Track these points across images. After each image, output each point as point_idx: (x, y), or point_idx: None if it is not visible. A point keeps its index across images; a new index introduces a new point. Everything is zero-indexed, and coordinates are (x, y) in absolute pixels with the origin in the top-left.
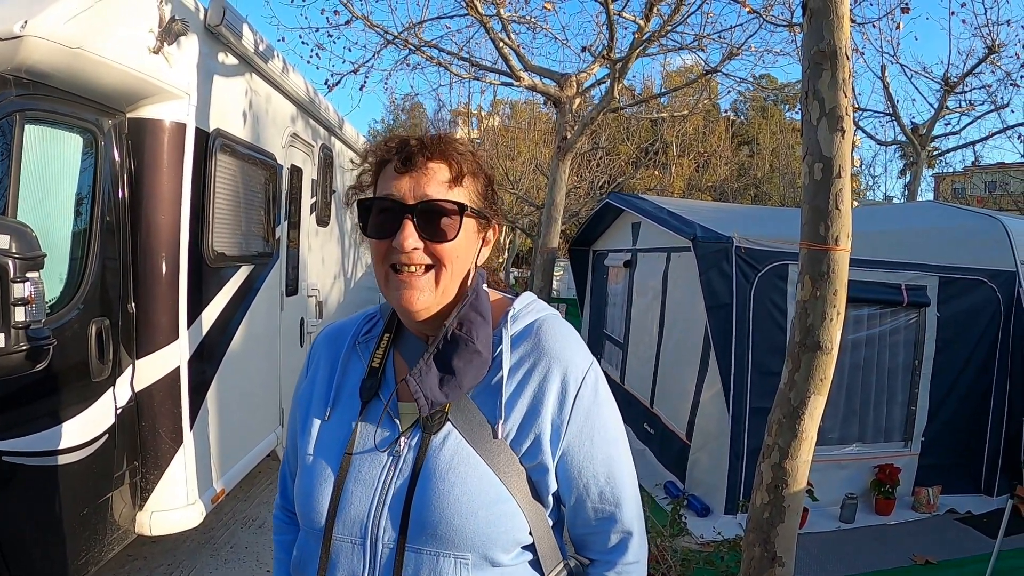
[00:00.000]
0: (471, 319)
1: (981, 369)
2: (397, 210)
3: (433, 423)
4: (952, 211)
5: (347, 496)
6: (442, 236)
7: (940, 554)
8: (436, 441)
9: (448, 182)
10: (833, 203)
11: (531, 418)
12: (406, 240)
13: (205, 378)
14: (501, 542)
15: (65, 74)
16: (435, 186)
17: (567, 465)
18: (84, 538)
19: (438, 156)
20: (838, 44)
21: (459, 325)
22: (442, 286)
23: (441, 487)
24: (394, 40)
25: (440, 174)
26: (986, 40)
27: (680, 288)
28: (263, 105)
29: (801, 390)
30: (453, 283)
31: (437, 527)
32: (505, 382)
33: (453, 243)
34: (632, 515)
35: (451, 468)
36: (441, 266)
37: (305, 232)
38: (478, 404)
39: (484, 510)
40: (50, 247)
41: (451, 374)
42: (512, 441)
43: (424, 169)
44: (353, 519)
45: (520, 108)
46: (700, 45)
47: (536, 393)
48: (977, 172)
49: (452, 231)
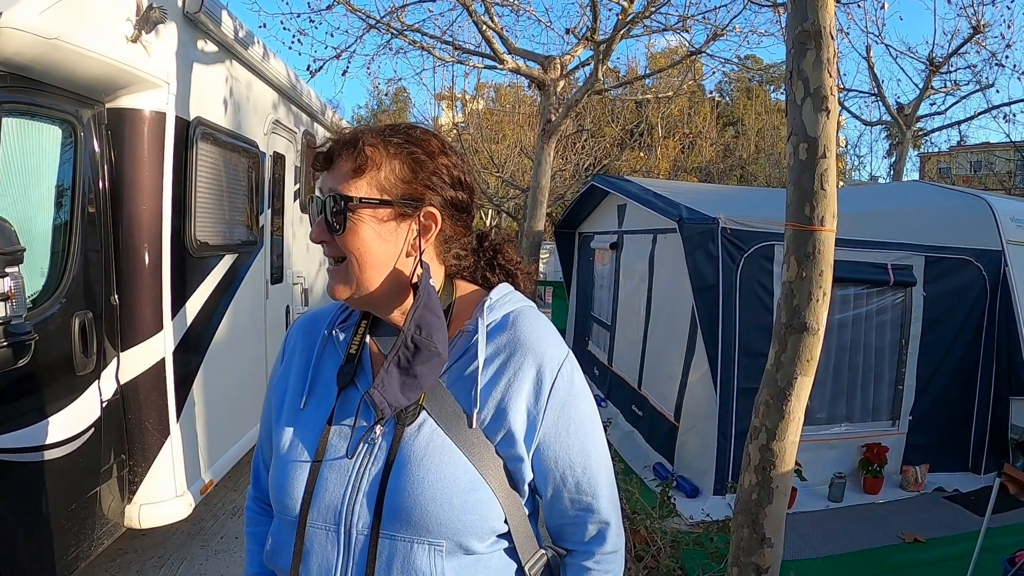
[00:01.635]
0: (427, 320)
1: (968, 348)
2: (316, 205)
3: (407, 414)
4: (938, 191)
5: (322, 483)
6: (336, 229)
7: (928, 532)
8: (411, 429)
9: (348, 174)
10: (818, 183)
11: (506, 407)
12: (313, 233)
13: (191, 369)
14: (475, 529)
15: (42, 65)
16: (338, 180)
17: (543, 456)
18: (73, 533)
19: (347, 149)
20: (822, 23)
21: (418, 329)
22: (355, 277)
23: (415, 473)
24: (376, 24)
25: (342, 168)
26: (971, 20)
27: (666, 270)
28: (244, 92)
29: (788, 371)
30: (368, 274)
31: (411, 513)
32: (480, 371)
33: (348, 236)
34: (609, 505)
35: (426, 455)
36: (349, 258)
37: (289, 220)
38: (453, 393)
39: (458, 497)
40: (31, 241)
41: (413, 377)
42: (487, 429)
43: (337, 164)
44: (327, 506)
45: (504, 91)
46: (684, 26)
47: (511, 383)
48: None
49: (339, 224)
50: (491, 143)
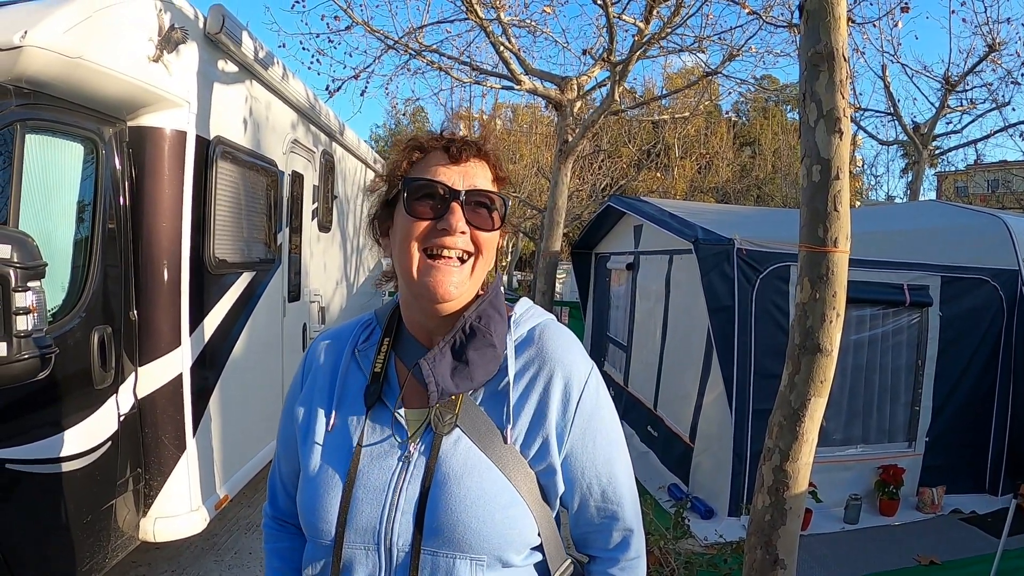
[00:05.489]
0: (489, 314)
1: (984, 368)
2: (446, 194)
3: (444, 424)
4: (954, 210)
5: (356, 504)
6: (487, 225)
7: (944, 554)
8: (448, 445)
9: (492, 180)
10: (832, 205)
11: (538, 422)
12: (458, 222)
13: (208, 384)
14: (514, 544)
15: (65, 84)
16: (482, 180)
17: (571, 467)
18: (87, 545)
19: (484, 155)
20: (835, 45)
21: (478, 318)
22: (475, 276)
23: (457, 491)
24: (395, 45)
25: (486, 171)
26: (986, 38)
27: (682, 290)
28: (263, 112)
29: (801, 392)
30: (481, 274)
31: (455, 530)
32: (512, 387)
33: (494, 234)
34: (632, 512)
35: (465, 473)
36: (479, 254)
37: (307, 238)
38: (485, 409)
39: (499, 513)
40: (52, 256)
41: (464, 364)
42: (521, 445)
43: (471, 163)
44: (365, 527)
45: (521, 111)
46: (700, 47)
47: (542, 398)
48: (979, 170)
49: (496, 221)
50: (508, 163)
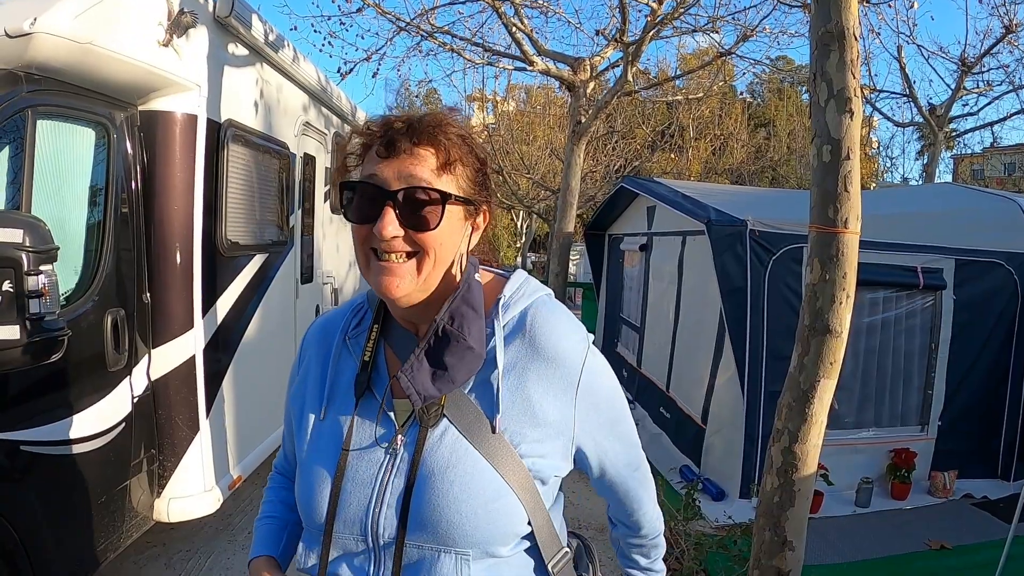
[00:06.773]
0: (462, 313)
1: (998, 352)
2: (378, 196)
3: (429, 416)
4: (968, 193)
5: (345, 495)
6: (424, 225)
7: (955, 539)
8: (433, 437)
9: (435, 169)
10: (842, 185)
11: (530, 410)
12: (386, 228)
13: (221, 366)
14: (501, 536)
15: (76, 69)
16: (420, 172)
17: (585, 450)
18: (102, 525)
19: (426, 141)
20: (845, 24)
21: (450, 319)
22: (424, 274)
23: (440, 486)
24: (406, 27)
25: (427, 160)
26: (1003, 19)
27: (695, 272)
28: (274, 95)
29: (811, 374)
30: (436, 272)
31: (438, 525)
32: (500, 375)
33: (435, 232)
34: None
35: (450, 466)
36: (424, 254)
37: (319, 220)
38: (475, 397)
39: (483, 507)
40: (65, 239)
41: (443, 369)
42: (511, 434)
43: (410, 154)
44: (352, 518)
45: (535, 93)
46: (714, 27)
47: (534, 385)
48: (996, 153)
49: (434, 220)
50: (522, 144)
